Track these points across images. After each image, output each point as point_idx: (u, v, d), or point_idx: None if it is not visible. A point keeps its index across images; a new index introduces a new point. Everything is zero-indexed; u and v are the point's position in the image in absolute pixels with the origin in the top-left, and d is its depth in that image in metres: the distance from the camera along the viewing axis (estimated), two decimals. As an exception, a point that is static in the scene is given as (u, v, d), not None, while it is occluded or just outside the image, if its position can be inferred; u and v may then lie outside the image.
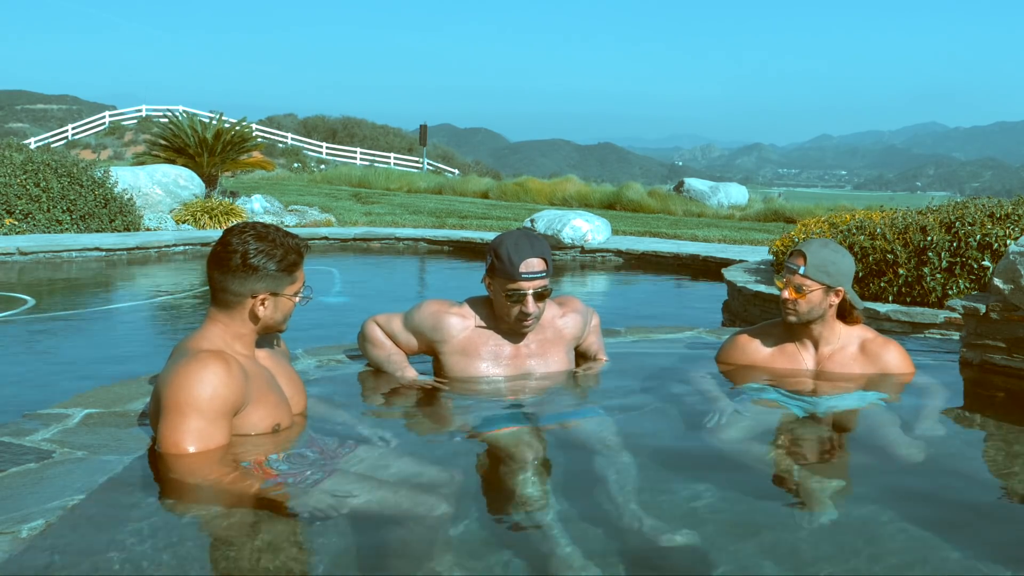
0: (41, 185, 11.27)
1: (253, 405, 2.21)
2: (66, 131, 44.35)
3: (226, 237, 2.27)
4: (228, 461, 2.10)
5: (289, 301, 2.35)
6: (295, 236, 2.35)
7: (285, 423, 2.30)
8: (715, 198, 20.19)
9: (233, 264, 2.23)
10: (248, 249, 2.23)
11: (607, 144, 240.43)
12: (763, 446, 2.49)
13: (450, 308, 2.98)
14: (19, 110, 65.70)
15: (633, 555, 1.80)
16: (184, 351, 2.22)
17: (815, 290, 2.89)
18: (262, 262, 2.24)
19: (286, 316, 2.37)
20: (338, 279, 9.17)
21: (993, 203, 6.39)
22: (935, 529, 1.94)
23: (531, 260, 2.81)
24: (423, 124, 37.59)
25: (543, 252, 2.86)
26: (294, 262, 2.31)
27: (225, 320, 2.28)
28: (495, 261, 2.86)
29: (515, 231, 2.96)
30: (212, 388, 2.11)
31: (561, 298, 3.19)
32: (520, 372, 2.96)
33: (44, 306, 6.93)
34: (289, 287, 2.33)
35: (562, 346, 3.06)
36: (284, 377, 2.44)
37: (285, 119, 53.77)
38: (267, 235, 2.27)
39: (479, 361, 2.93)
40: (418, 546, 1.77)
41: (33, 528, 1.73)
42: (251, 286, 2.25)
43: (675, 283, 9.50)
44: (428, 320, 2.96)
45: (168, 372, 2.16)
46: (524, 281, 2.81)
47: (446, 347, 2.95)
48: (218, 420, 2.12)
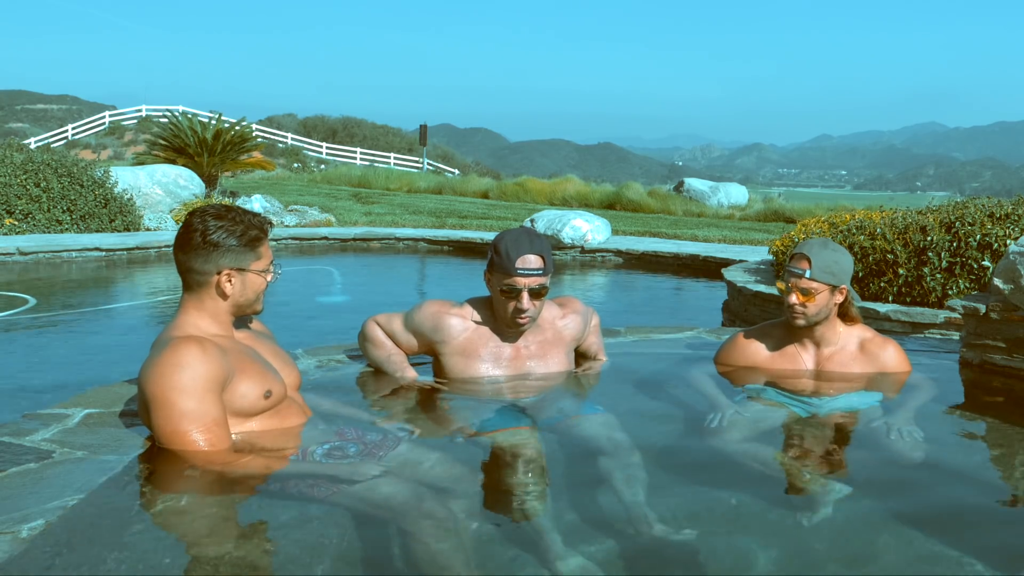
0: (41, 185, 11.27)
1: (238, 376, 2.23)
2: (66, 131, 44.34)
3: (188, 219, 2.30)
4: (239, 449, 2.14)
5: (257, 277, 2.34)
6: (257, 214, 2.37)
7: (276, 390, 2.31)
8: (715, 198, 20.20)
9: (194, 242, 2.26)
10: (208, 226, 2.26)
11: (607, 144, 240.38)
12: (763, 446, 2.49)
13: (450, 309, 2.97)
14: (19, 110, 65.69)
15: (633, 555, 1.80)
16: (159, 342, 2.24)
17: (822, 292, 2.89)
18: (222, 237, 2.26)
19: (258, 294, 2.37)
20: (338, 279, 9.18)
21: (993, 203, 6.39)
22: (935, 529, 1.94)
23: (528, 256, 2.82)
24: (423, 124, 37.58)
25: (542, 250, 2.86)
26: (255, 237, 2.31)
27: (196, 303, 2.30)
28: (494, 255, 2.87)
29: (517, 228, 2.96)
30: (191, 370, 2.12)
31: (561, 299, 3.18)
32: (520, 373, 2.96)
33: (44, 306, 6.93)
34: (254, 263, 2.33)
35: (562, 347, 3.06)
36: (268, 352, 2.44)
37: (285, 119, 53.77)
38: (226, 213, 2.30)
39: (479, 362, 2.92)
40: (426, 545, 1.77)
41: (33, 528, 1.73)
42: (215, 263, 2.27)
43: (675, 283, 9.50)
44: (428, 321, 2.96)
45: (146, 366, 2.18)
46: (520, 277, 2.81)
47: (446, 348, 2.95)
48: (206, 397, 2.13)
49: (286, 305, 6.85)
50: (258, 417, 2.27)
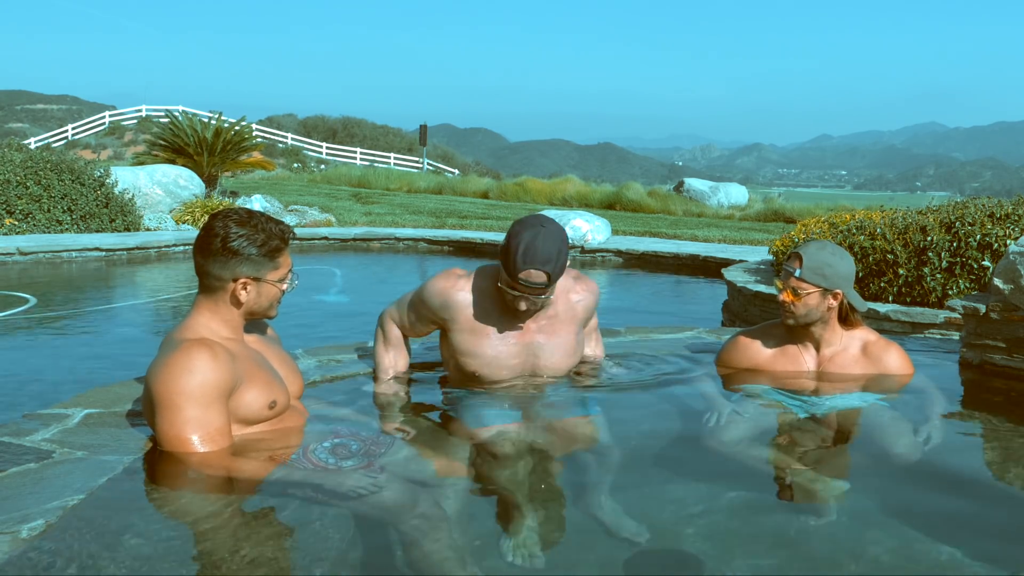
0: (42, 184, 11.28)
1: (245, 385, 2.22)
2: (66, 131, 44.35)
3: (210, 222, 2.27)
4: (239, 453, 2.13)
5: (272, 287, 2.32)
6: (280, 222, 2.32)
7: (281, 400, 2.30)
8: (715, 198, 20.20)
9: (214, 247, 2.23)
10: (229, 233, 2.22)
11: (607, 144, 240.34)
12: (763, 447, 2.49)
13: (457, 283, 2.89)
14: (19, 110, 65.70)
15: (630, 557, 1.80)
16: (170, 342, 2.23)
17: (811, 293, 2.88)
18: (242, 245, 2.23)
19: (272, 302, 2.35)
20: (339, 279, 9.17)
21: (993, 203, 6.39)
22: (935, 529, 1.94)
23: (533, 272, 2.66)
24: (423, 124, 37.59)
25: (550, 266, 2.66)
26: (276, 247, 2.28)
27: (210, 306, 2.28)
28: (503, 252, 2.72)
29: (538, 228, 2.69)
30: (201, 375, 2.11)
31: (577, 272, 3.06)
32: (527, 348, 2.88)
33: (44, 306, 6.93)
34: (271, 273, 2.30)
35: (572, 324, 2.96)
36: (276, 358, 2.44)
37: (285, 119, 53.77)
38: (249, 220, 2.26)
39: (485, 338, 2.85)
40: (420, 545, 1.77)
41: (33, 528, 1.73)
42: (232, 270, 2.24)
43: (675, 283, 9.50)
44: (437, 298, 2.89)
45: (156, 366, 2.17)
46: (521, 285, 2.70)
47: (455, 325, 2.88)
48: (212, 405, 2.13)
49: (285, 305, 6.84)
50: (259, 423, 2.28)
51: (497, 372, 2.86)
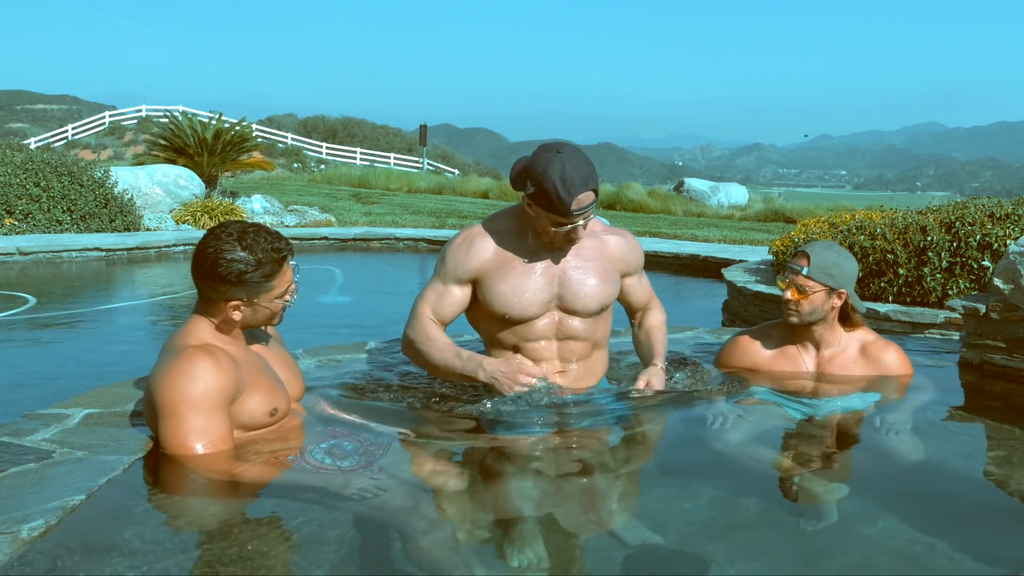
0: (41, 185, 11.28)
1: (248, 391, 2.20)
2: (66, 131, 44.36)
3: (204, 240, 2.19)
4: (238, 455, 2.12)
5: (267, 308, 2.26)
6: (278, 239, 2.22)
7: (282, 407, 2.29)
8: (715, 198, 20.21)
9: (203, 269, 2.17)
10: (220, 258, 2.14)
11: (607, 144, 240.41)
12: (764, 448, 2.49)
13: (475, 230, 2.81)
14: (19, 110, 65.70)
15: (629, 557, 1.80)
16: (172, 348, 2.21)
17: (818, 291, 2.89)
18: (232, 272, 2.14)
19: (271, 317, 2.30)
20: (339, 279, 9.18)
21: (993, 203, 6.40)
22: (935, 530, 1.94)
23: (582, 196, 2.52)
24: (423, 124, 37.59)
25: (592, 182, 2.56)
26: (270, 272, 2.20)
27: (209, 315, 2.25)
28: (539, 194, 2.54)
29: (556, 155, 2.54)
30: (204, 383, 2.10)
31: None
32: (556, 280, 2.77)
33: (44, 306, 6.93)
34: (265, 295, 2.23)
35: (601, 261, 2.84)
36: (279, 362, 2.42)
37: (285, 119, 53.78)
38: (242, 239, 2.16)
39: (513, 272, 2.74)
40: (419, 545, 1.77)
41: (33, 528, 1.73)
42: (223, 293, 2.19)
43: (675, 283, 9.50)
44: (462, 249, 2.77)
45: (158, 372, 2.16)
46: (576, 216, 2.57)
47: (483, 275, 2.76)
48: (215, 413, 2.12)
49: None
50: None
51: (528, 308, 2.74)
